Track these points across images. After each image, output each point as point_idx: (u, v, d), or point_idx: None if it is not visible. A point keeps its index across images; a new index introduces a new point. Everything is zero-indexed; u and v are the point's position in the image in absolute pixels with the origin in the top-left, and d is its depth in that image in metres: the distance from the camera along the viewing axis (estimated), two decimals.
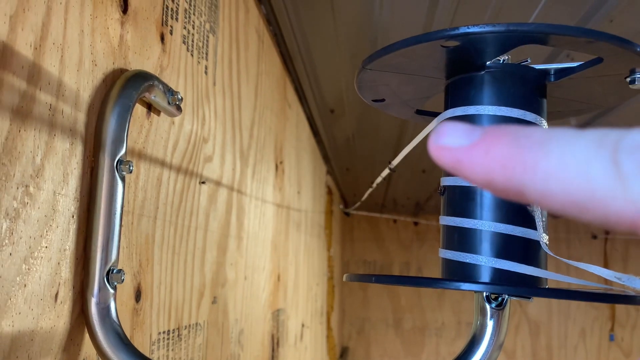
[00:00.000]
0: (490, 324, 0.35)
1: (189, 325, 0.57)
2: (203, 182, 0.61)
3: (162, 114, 0.49)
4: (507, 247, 0.34)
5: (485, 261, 0.33)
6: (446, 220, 0.37)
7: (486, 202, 0.34)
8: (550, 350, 3.08)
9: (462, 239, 0.35)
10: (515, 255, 0.33)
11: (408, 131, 1.62)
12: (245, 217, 0.81)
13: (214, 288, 0.65)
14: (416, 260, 3.23)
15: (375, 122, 1.58)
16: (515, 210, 0.33)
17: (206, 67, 0.62)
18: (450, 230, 0.36)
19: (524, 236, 0.34)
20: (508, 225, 0.33)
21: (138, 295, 0.45)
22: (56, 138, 0.33)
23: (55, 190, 0.33)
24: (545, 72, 0.38)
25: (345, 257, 3.18)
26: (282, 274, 1.14)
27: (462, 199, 0.35)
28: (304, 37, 1.04)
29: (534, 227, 0.33)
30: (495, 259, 0.33)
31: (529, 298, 0.33)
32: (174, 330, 0.52)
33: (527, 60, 0.37)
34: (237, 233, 0.76)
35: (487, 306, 0.35)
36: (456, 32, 0.33)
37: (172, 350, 0.52)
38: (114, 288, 0.37)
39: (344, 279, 0.38)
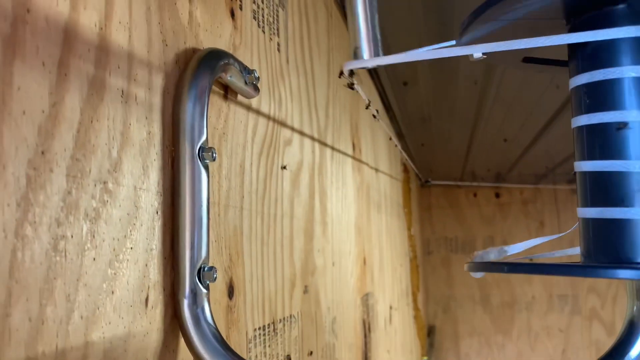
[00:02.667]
0: None
1: (284, 318, 0.54)
2: (284, 167, 0.57)
3: (239, 95, 0.45)
4: None
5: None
6: (587, 165, 0.30)
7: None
8: None
9: (610, 189, 0.28)
10: None
11: (487, 101, 1.52)
12: (328, 201, 0.77)
13: (305, 277, 0.62)
14: (500, 234, 3.09)
15: (452, 93, 1.49)
16: None
17: (278, 44, 0.58)
18: (593, 178, 0.29)
19: None
20: None
21: (231, 292, 0.41)
22: (132, 127, 0.30)
23: (136, 185, 0.30)
24: None
25: (425, 235, 3.10)
26: (368, 257, 1.09)
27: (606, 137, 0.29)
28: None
29: None
30: None
31: None
32: (269, 325, 0.49)
33: None
34: (321, 218, 0.73)
35: None
36: None
37: (269, 346, 0.49)
38: (207, 287, 0.33)
39: (466, 268, 0.32)
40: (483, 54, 0.33)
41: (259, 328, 0.47)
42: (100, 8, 0.28)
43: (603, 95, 0.30)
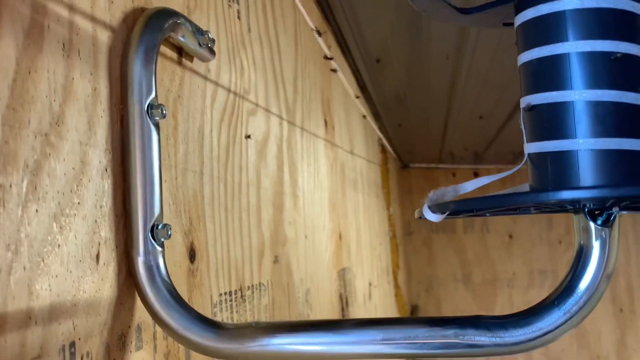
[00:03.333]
0: (596, 246, 0.29)
1: (252, 286, 0.54)
2: (248, 136, 0.57)
3: (195, 60, 0.45)
4: (610, 120, 0.27)
5: (583, 144, 0.27)
6: (528, 99, 0.30)
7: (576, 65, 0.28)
8: (631, 292, 2.94)
9: (552, 122, 0.29)
10: (623, 129, 0.27)
11: (460, 77, 1.53)
12: (299, 175, 0.77)
13: (274, 247, 0.62)
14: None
15: (426, 69, 1.49)
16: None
17: (238, 12, 0.57)
18: (536, 113, 0.30)
19: (630, 102, 0.27)
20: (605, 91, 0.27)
21: (192, 255, 0.41)
22: (75, 82, 0.30)
23: (82, 141, 0.30)
24: None
25: (406, 216, 3.12)
26: (344, 233, 1.10)
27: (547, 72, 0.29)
28: None
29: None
30: (596, 139, 0.27)
31: None
32: (236, 291, 0.49)
33: None
34: (292, 191, 0.72)
35: (591, 225, 0.29)
36: None
37: (237, 312, 0.49)
38: (162, 245, 0.33)
39: (416, 215, 0.33)
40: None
41: (225, 293, 0.47)
42: None
43: (540, 30, 0.30)
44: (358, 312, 1.15)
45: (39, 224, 0.26)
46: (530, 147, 0.31)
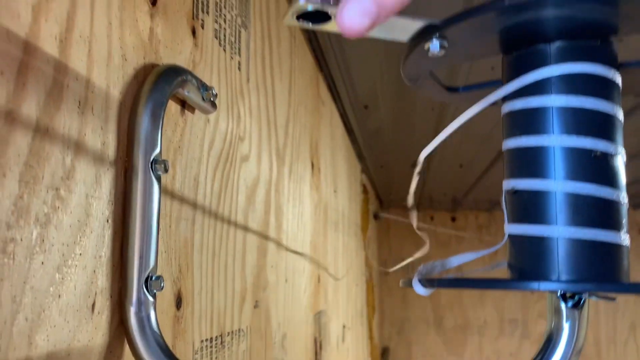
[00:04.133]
0: (566, 326, 0.31)
1: (232, 332, 0.54)
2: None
3: (196, 111, 0.47)
4: (588, 211, 0.30)
5: (561, 232, 0.29)
6: (511, 184, 0.33)
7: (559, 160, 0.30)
8: (599, 346, 2.98)
9: (531, 208, 0.31)
10: (600, 222, 0.29)
11: (445, 124, 1.57)
12: (284, 218, 0.79)
13: (256, 292, 0.63)
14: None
15: (411, 117, 1.54)
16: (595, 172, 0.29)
17: (239, 63, 0.59)
18: (517, 197, 0.32)
19: (604, 196, 0.30)
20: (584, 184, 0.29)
21: (179, 302, 0.42)
22: (87, 137, 0.31)
23: (88, 193, 0.31)
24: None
25: (383, 256, 3.13)
26: (322, 276, 1.11)
27: (529, 160, 0.31)
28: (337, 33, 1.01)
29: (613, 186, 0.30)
30: (572, 227, 0.29)
31: (614, 299, 0.29)
32: (216, 337, 0.50)
33: None
34: (276, 234, 0.74)
35: (563, 306, 0.31)
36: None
37: (216, 358, 0.50)
38: (154, 296, 0.34)
39: (401, 284, 0.34)
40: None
41: (206, 340, 0.48)
42: (62, 21, 0.29)
43: (527, 121, 0.32)
44: (331, 355, 1.15)
45: (43, 275, 0.27)
46: (511, 228, 0.33)
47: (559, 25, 0.32)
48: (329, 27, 0.31)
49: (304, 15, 0.30)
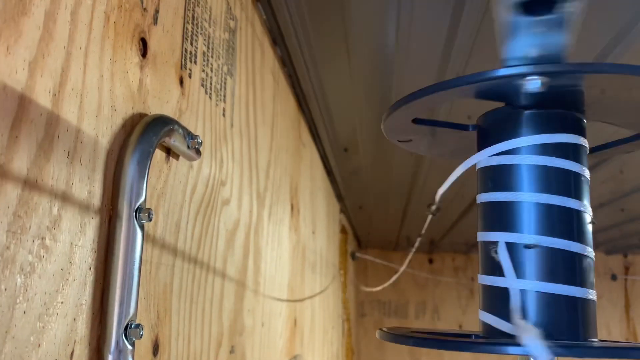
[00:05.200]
0: None
1: None
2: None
3: (180, 157, 0.48)
4: (556, 266, 0.31)
5: (530, 286, 0.31)
6: (481, 235, 0.34)
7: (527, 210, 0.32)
8: None
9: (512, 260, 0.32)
10: (560, 276, 0.31)
11: (423, 168, 1.60)
12: (262, 261, 0.79)
13: (232, 337, 0.63)
14: (432, 299, 3.16)
15: (389, 160, 1.56)
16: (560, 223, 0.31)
17: (224, 110, 0.61)
18: (488, 248, 0.34)
19: (574, 251, 0.31)
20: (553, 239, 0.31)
21: (156, 349, 0.42)
22: (74, 186, 0.32)
23: (72, 242, 0.32)
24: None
25: (360, 298, 3.12)
26: (299, 319, 1.10)
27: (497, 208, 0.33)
28: (319, 78, 1.04)
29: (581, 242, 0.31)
30: (541, 283, 0.31)
31: None
32: None
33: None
34: (254, 278, 0.74)
35: None
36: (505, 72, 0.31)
37: None
38: (132, 344, 0.34)
39: (377, 335, 0.35)
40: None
41: None
42: (56, 76, 0.31)
43: (500, 177, 0.34)
44: None
45: (25, 325, 0.27)
46: (482, 279, 0.34)
47: (531, 98, 0.34)
48: None
49: None
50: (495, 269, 0.34)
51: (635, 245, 2.71)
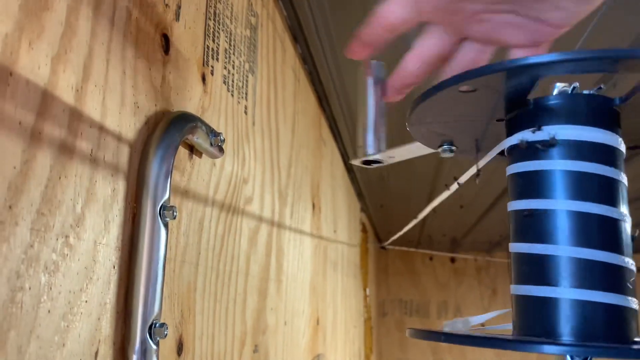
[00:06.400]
0: None
1: None
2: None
3: (203, 155, 0.47)
4: (589, 275, 0.30)
5: (565, 293, 0.29)
6: (514, 247, 0.33)
7: (563, 224, 0.30)
8: None
9: (536, 269, 0.31)
10: (600, 284, 0.29)
11: (446, 166, 1.58)
12: (285, 259, 0.79)
13: (255, 336, 0.62)
14: (454, 299, 3.13)
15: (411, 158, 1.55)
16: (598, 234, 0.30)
17: (246, 107, 0.60)
18: (522, 259, 0.32)
19: (609, 261, 0.30)
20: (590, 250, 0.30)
21: (180, 349, 0.42)
22: (97, 184, 0.31)
23: (96, 240, 0.31)
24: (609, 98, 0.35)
25: (381, 296, 3.10)
26: (321, 317, 1.10)
27: (536, 224, 0.32)
28: (340, 75, 1.03)
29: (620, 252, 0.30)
30: (577, 290, 0.29)
31: None
32: None
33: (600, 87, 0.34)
34: (276, 276, 0.73)
35: None
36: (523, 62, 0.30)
37: None
38: (157, 344, 0.34)
39: (407, 334, 0.34)
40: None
41: None
42: (79, 71, 0.30)
43: (529, 184, 0.33)
44: None
45: (49, 324, 0.27)
46: (515, 289, 0.33)
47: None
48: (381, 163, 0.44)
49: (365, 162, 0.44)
50: (534, 278, 0.32)
51: None
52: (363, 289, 2.12)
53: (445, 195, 0.54)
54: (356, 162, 0.44)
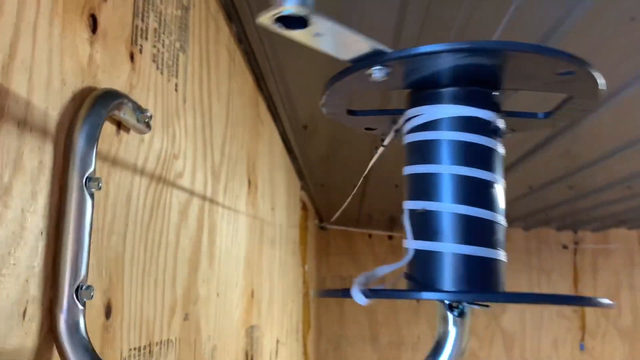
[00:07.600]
0: (452, 331, 0.36)
1: (161, 342, 0.57)
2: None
3: (131, 131, 0.49)
4: (470, 231, 0.35)
5: (449, 248, 0.34)
6: (409, 204, 0.38)
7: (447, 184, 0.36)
8: None
9: (424, 225, 0.36)
10: (480, 240, 0.35)
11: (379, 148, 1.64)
12: (217, 234, 0.82)
13: (186, 305, 0.66)
14: (392, 274, 3.24)
15: (349, 137, 1.60)
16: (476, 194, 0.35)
17: (176, 85, 0.63)
18: (413, 216, 0.37)
19: (486, 218, 0.35)
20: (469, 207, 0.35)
21: (108, 312, 0.45)
22: (24, 156, 0.34)
23: (24, 208, 0.33)
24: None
25: (322, 273, 3.18)
26: (256, 291, 1.14)
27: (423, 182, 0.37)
28: (276, 55, 1.06)
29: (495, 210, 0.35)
30: (458, 245, 0.34)
31: (487, 306, 0.34)
32: (144, 346, 0.52)
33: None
34: (209, 250, 0.77)
35: (449, 314, 0.36)
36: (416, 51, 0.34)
37: None
38: (83, 304, 0.37)
39: (312, 295, 0.39)
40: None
41: (134, 348, 0.50)
42: (5, 49, 0.32)
43: (424, 151, 0.38)
44: None
45: None
46: (407, 244, 0.38)
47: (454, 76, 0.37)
48: (300, 35, 0.32)
49: (281, 19, 0.32)
50: (424, 233, 0.37)
51: (584, 221, 2.84)
52: (302, 266, 2.18)
53: (375, 158, 0.58)
54: (264, 19, 0.31)
